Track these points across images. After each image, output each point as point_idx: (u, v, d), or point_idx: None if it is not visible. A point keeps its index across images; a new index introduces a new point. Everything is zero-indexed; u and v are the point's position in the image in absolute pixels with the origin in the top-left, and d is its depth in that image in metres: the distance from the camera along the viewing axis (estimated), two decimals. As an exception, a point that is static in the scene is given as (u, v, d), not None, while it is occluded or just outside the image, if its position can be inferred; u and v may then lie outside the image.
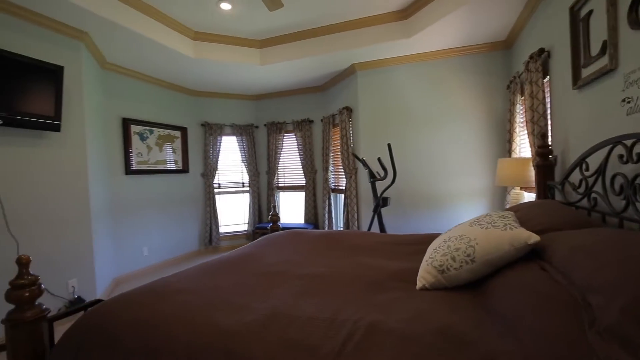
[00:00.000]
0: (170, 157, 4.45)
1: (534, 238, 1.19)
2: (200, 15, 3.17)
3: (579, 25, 1.82)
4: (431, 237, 2.06)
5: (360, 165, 3.95)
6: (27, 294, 1.15)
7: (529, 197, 2.72)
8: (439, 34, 3.09)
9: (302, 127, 4.95)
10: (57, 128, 2.55)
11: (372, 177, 3.34)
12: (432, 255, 1.39)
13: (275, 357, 0.89)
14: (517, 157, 2.85)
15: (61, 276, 2.68)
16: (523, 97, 2.70)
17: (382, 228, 3.29)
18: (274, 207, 3.08)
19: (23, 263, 1.16)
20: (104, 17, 2.59)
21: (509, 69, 3.32)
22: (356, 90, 3.95)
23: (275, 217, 2.99)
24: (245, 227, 5.33)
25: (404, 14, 3.16)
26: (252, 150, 5.22)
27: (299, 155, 5.01)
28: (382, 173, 3.36)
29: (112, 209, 3.64)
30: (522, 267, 1.16)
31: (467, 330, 0.92)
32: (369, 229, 3.39)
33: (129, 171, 3.84)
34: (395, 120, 3.77)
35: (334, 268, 1.64)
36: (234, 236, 5.22)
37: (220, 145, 5.02)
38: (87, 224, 2.88)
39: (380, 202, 3.28)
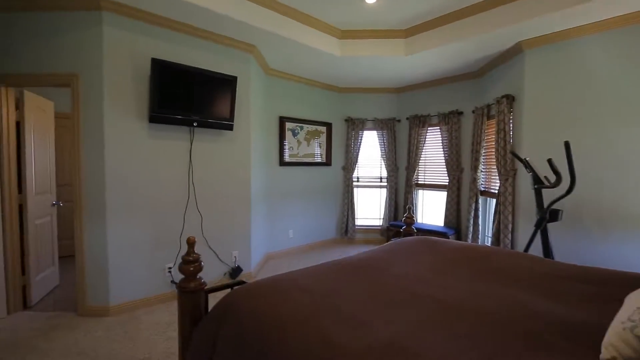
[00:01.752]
0: (315, 150, 4.85)
1: None
2: (348, 14, 3.22)
3: None
4: (629, 278, 1.43)
5: (521, 166, 3.21)
6: (191, 269, 1.43)
7: None
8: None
9: (448, 120, 4.44)
10: (230, 127, 3.14)
11: (538, 182, 2.63)
12: (635, 318, 0.93)
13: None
14: None
15: (228, 247, 3.33)
16: None
17: (546, 250, 2.57)
18: (409, 208, 2.88)
19: (190, 243, 1.45)
20: (269, 30, 2.98)
21: None
22: (522, 73, 3.19)
23: (410, 220, 2.79)
24: (379, 222, 5.30)
25: (607, -38, 2.29)
26: (392, 145, 5.08)
27: (443, 151, 4.53)
28: (552, 178, 2.61)
29: (267, 195, 4.26)
30: None
31: None
32: (527, 248, 2.70)
33: (282, 163, 4.41)
34: (575, 111, 2.85)
35: (475, 299, 1.35)
36: (368, 230, 5.28)
37: (361, 139, 5.11)
38: (247, 206, 3.47)
39: (547, 215, 2.56)
